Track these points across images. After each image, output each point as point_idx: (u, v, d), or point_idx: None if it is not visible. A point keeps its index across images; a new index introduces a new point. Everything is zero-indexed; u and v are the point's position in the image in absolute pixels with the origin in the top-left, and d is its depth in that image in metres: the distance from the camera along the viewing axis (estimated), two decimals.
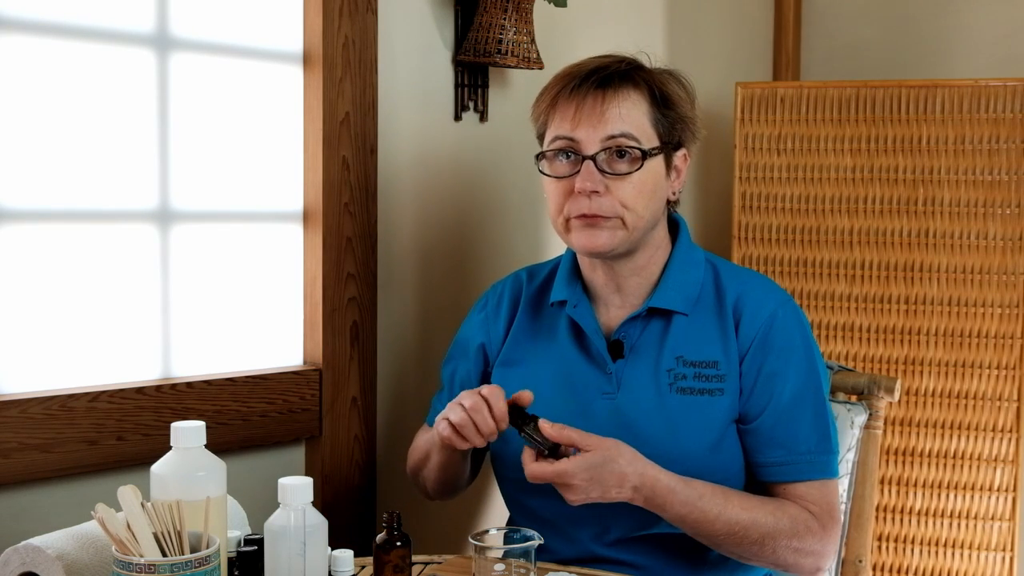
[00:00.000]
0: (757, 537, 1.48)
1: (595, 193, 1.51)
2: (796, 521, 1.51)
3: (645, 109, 1.54)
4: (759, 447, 1.55)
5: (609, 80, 1.53)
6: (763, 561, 1.51)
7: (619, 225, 1.53)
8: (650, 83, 1.55)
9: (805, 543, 1.51)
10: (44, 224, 1.58)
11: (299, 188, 1.86)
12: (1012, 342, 2.26)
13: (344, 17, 1.83)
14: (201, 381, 1.71)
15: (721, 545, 1.49)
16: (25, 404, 1.53)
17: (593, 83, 1.53)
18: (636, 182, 1.52)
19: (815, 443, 1.55)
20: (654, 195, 1.55)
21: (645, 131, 1.54)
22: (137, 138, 1.66)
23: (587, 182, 1.51)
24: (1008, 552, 2.28)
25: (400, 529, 1.32)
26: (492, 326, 1.70)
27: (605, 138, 1.51)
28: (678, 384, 1.55)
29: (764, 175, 2.40)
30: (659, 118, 1.55)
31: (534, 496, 1.60)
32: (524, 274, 1.74)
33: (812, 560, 1.53)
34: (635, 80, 1.55)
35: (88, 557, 1.25)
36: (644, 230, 1.56)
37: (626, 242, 1.55)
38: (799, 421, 1.54)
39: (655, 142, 1.55)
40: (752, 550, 1.49)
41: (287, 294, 1.86)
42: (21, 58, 1.54)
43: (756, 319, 1.56)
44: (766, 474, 1.55)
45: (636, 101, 1.54)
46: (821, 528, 1.52)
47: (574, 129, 1.52)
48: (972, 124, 2.26)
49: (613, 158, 1.52)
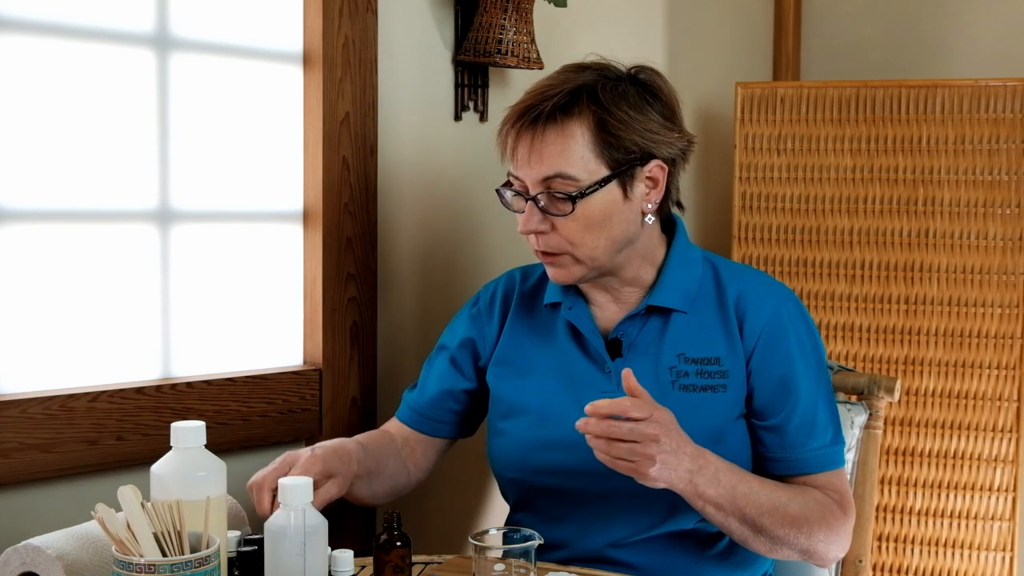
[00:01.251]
0: (794, 516, 1.48)
1: (541, 232, 1.51)
2: (823, 506, 1.52)
3: (588, 140, 1.47)
4: (779, 444, 1.55)
5: (539, 118, 1.47)
6: (798, 546, 1.49)
7: (571, 261, 1.52)
8: (591, 113, 1.47)
9: (832, 528, 1.51)
10: (44, 224, 1.58)
11: (299, 188, 1.86)
12: (1012, 342, 2.26)
13: (344, 17, 1.83)
14: (201, 381, 1.71)
15: (764, 527, 1.46)
16: (25, 404, 1.53)
17: (527, 121, 1.49)
18: (579, 218, 1.48)
19: (831, 436, 1.56)
20: (606, 225, 1.50)
21: (587, 165, 1.47)
22: (137, 138, 1.66)
23: (529, 224, 1.51)
24: (1008, 552, 2.28)
25: (400, 529, 1.32)
26: (485, 323, 1.69)
27: (540, 180, 1.49)
28: (680, 381, 1.55)
29: (764, 175, 2.40)
30: (604, 147, 1.47)
31: (536, 495, 1.60)
32: (517, 273, 1.73)
33: (837, 548, 1.53)
34: (571, 112, 1.47)
35: (88, 557, 1.25)
36: (606, 257, 1.52)
37: (590, 272, 1.54)
38: (816, 418, 1.56)
39: (601, 173, 1.48)
40: (791, 532, 1.47)
41: (287, 294, 1.86)
42: (21, 58, 1.54)
43: (760, 316, 1.56)
44: (783, 467, 1.55)
45: (574, 134, 1.47)
46: (843, 513, 1.53)
47: (517, 168, 1.51)
48: (972, 124, 2.26)
49: (552, 198, 1.49)
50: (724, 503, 1.43)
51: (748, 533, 1.46)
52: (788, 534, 1.48)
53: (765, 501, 1.46)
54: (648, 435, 1.34)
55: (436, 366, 1.71)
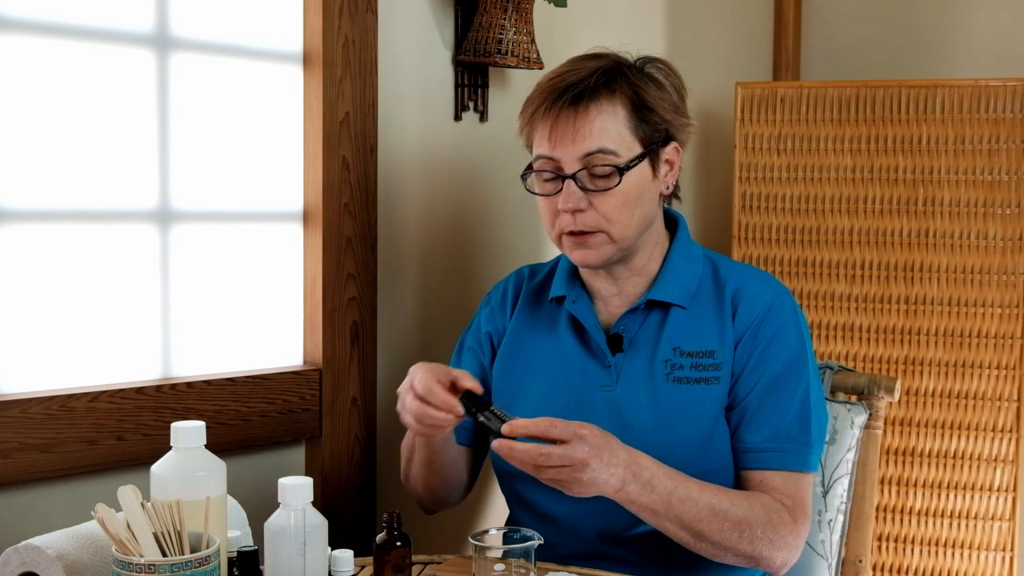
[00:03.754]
0: (736, 520, 1.47)
1: (579, 211, 1.52)
2: (769, 511, 1.50)
3: (623, 117, 1.53)
4: (742, 427, 1.55)
5: (582, 96, 1.51)
6: (740, 551, 1.49)
7: (606, 240, 1.54)
8: (627, 90, 1.53)
9: (779, 534, 1.50)
10: (44, 224, 1.58)
11: (299, 188, 1.86)
12: (1012, 342, 2.26)
13: (344, 17, 1.83)
14: (201, 381, 1.71)
15: (703, 533, 1.46)
16: (25, 404, 1.53)
17: (567, 101, 1.51)
18: (618, 195, 1.52)
19: (795, 431, 1.54)
20: (640, 202, 1.55)
21: (624, 141, 1.52)
22: (137, 138, 1.66)
23: (568, 202, 1.52)
24: (1008, 552, 2.28)
25: (400, 529, 1.32)
26: (498, 318, 1.71)
27: (582, 156, 1.51)
28: (674, 374, 1.56)
29: (764, 175, 2.40)
30: (639, 124, 1.53)
31: (536, 492, 1.60)
32: (526, 270, 1.76)
33: (784, 554, 1.51)
34: (611, 90, 1.52)
35: (88, 557, 1.25)
36: (635, 237, 1.56)
37: (617, 252, 1.56)
38: (782, 405, 1.54)
39: (636, 150, 1.53)
40: (732, 537, 1.47)
41: (287, 294, 1.86)
42: (21, 58, 1.54)
43: (754, 308, 1.57)
44: (745, 460, 1.55)
45: (612, 112, 1.52)
46: (792, 520, 1.51)
47: (553, 149, 1.53)
48: (972, 124, 2.26)
49: (593, 175, 1.52)
50: (659, 508, 1.44)
51: (688, 538, 1.47)
52: (729, 539, 1.47)
53: (704, 506, 1.46)
54: (577, 459, 1.36)
55: (464, 365, 1.70)
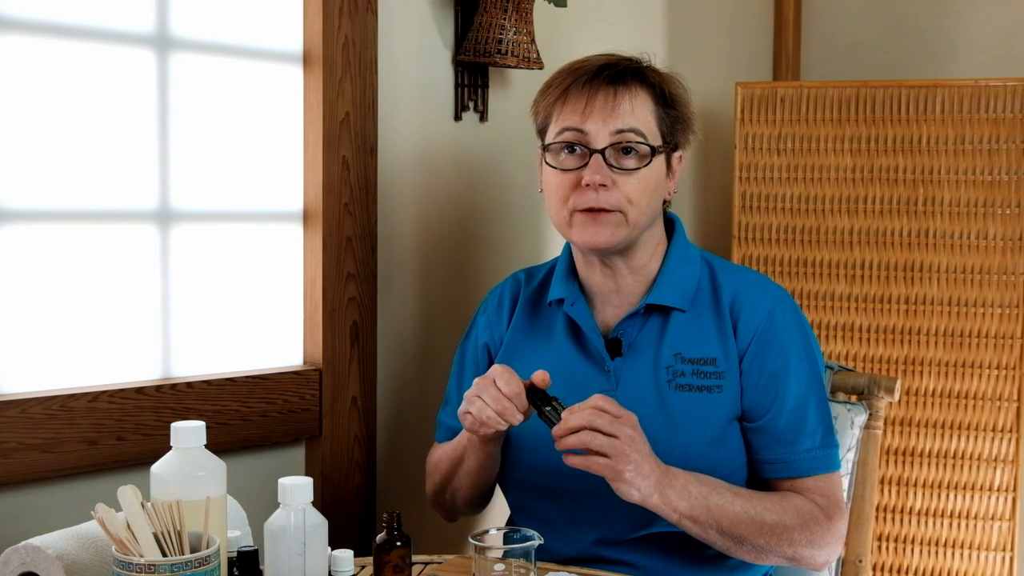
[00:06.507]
0: (771, 524, 1.48)
1: (602, 187, 1.52)
2: (803, 512, 1.51)
3: (652, 107, 1.56)
4: (766, 445, 1.55)
5: (621, 76, 1.55)
6: (779, 554, 1.50)
7: (621, 221, 1.54)
8: (657, 82, 1.58)
9: (815, 534, 1.51)
10: (44, 224, 1.58)
11: (299, 188, 1.86)
12: (1012, 342, 2.26)
13: (344, 17, 1.83)
14: (201, 381, 1.71)
15: (743, 538, 1.47)
16: (25, 404, 1.53)
17: (605, 78, 1.54)
18: (641, 178, 1.54)
19: (820, 438, 1.55)
20: (656, 192, 1.57)
21: (651, 129, 1.56)
22: (137, 138, 1.66)
23: (596, 175, 1.52)
24: (1008, 552, 2.28)
25: (400, 529, 1.32)
26: (495, 326, 1.70)
27: (614, 132, 1.52)
28: (677, 381, 1.55)
29: (764, 175, 2.40)
30: (663, 117, 1.57)
31: (537, 497, 1.60)
32: (522, 275, 1.74)
33: (824, 552, 1.53)
34: (644, 78, 1.57)
35: (88, 557, 1.25)
36: (645, 226, 1.57)
37: (627, 238, 1.55)
38: (805, 419, 1.55)
39: (659, 140, 1.57)
40: (769, 541, 1.48)
41: (287, 294, 1.86)
42: (21, 58, 1.54)
43: (754, 317, 1.57)
44: (772, 471, 1.56)
45: (644, 99, 1.56)
46: (827, 519, 1.53)
47: (584, 122, 1.53)
48: (972, 124, 2.26)
49: (620, 153, 1.53)
50: (699, 515, 1.44)
51: (730, 544, 1.47)
52: (769, 543, 1.48)
53: (740, 511, 1.46)
54: (627, 433, 1.38)
55: (468, 378, 1.68)
